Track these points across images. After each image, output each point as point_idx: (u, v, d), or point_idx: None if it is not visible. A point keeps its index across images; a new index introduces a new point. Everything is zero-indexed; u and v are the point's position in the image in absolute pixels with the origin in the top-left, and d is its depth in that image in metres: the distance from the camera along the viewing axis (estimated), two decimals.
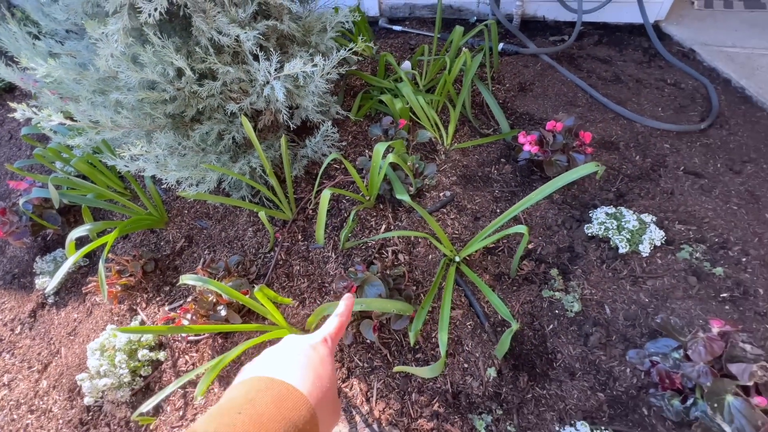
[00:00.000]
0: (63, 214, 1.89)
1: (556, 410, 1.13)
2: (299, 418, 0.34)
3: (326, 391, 0.39)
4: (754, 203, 1.55)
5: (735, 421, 0.91)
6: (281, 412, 0.33)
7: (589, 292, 1.33)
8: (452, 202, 1.57)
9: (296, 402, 0.35)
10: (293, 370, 0.39)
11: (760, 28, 2.33)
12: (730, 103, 1.96)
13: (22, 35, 1.22)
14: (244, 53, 1.31)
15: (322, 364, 0.41)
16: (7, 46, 1.27)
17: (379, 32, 2.70)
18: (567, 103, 1.97)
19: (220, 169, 1.31)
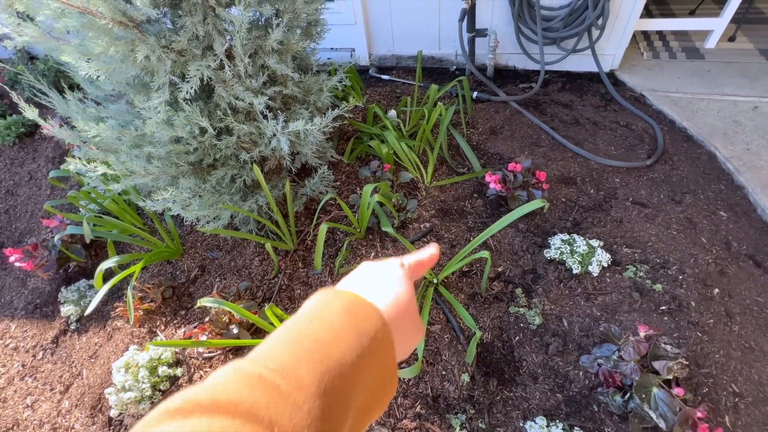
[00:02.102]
0: (86, 248, 2.11)
1: (521, 409, 1.32)
2: (371, 328, 0.33)
3: (402, 306, 0.38)
4: (691, 229, 1.81)
5: (659, 409, 1.11)
6: (351, 319, 0.32)
7: (549, 307, 1.55)
8: (431, 232, 1.82)
9: (367, 312, 0.34)
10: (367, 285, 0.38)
11: (699, 76, 2.70)
12: (674, 142, 2.26)
13: (74, 102, 1.49)
14: (255, 113, 1.60)
15: (398, 281, 0.40)
16: (60, 111, 1.54)
17: (368, 80, 3.05)
18: (532, 144, 2.27)
19: (234, 208, 1.55)
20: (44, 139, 3.30)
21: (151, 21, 1.39)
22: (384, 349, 0.33)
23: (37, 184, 2.93)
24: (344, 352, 0.29)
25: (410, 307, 0.39)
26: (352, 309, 0.33)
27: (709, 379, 1.35)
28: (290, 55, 1.67)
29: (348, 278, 0.41)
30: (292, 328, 0.31)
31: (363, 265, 0.43)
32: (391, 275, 0.40)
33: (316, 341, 0.29)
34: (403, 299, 0.38)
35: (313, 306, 0.34)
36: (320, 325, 0.31)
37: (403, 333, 0.37)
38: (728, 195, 1.94)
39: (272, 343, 0.30)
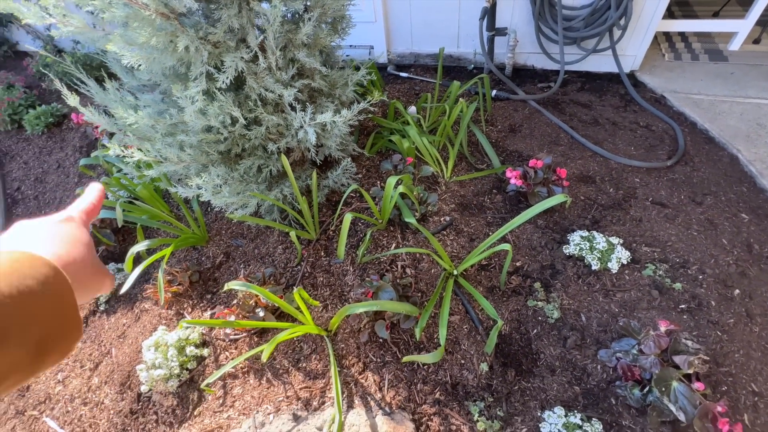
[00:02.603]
0: (115, 233, 2.19)
1: (538, 399, 1.34)
2: (39, 275, 0.33)
3: (76, 256, 0.39)
4: (712, 230, 1.81)
5: (679, 402, 1.13)
6: (14, 267, 0.32)
7: (567, 302, 1.57)
8: (451, 226, 1.85)
9: (33, 261, 0.34)
10: (31, 241, 0.39)
11: (722, 78, 2.67)
12: (695, 144, 2.25)
13: (113, 91, 1.56)
14: (284, 105, 1.64)
15: (68, 234, 0.41)
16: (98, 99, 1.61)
17: (387, 77, 3.09)
18: (551, 143, 2.28)
19: (262, 196, 1.61)
20: (71, 130, 3.41)
21: (188, 14, 1.45)
22: (59, 291, 0.35)
23: (65, 172, 3.03)
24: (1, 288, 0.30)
25: (84, 256, 0.41)
26: (16, 260, 0.34)
27: (728, 377, 1.36)
28: (318, 49, 1.71)
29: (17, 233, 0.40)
30: None
31: (20, 224, 0.42)
32: (61, 230, 0.42)
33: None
34: (80, 251, 0.40)
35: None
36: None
37: (85, 279, 0.40)
38: (750, 197, 1.93)
39: None
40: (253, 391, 1.48)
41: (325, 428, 1.30)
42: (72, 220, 0.44)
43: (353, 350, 1.51)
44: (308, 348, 1.54)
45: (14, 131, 3.50)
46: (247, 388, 1.48)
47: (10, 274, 0.32)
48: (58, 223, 0.43)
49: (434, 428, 1.31)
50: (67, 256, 0.39)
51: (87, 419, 1.65)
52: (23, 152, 3.32)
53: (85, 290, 0.40)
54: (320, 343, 1.56)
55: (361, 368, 1.46)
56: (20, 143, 3.39)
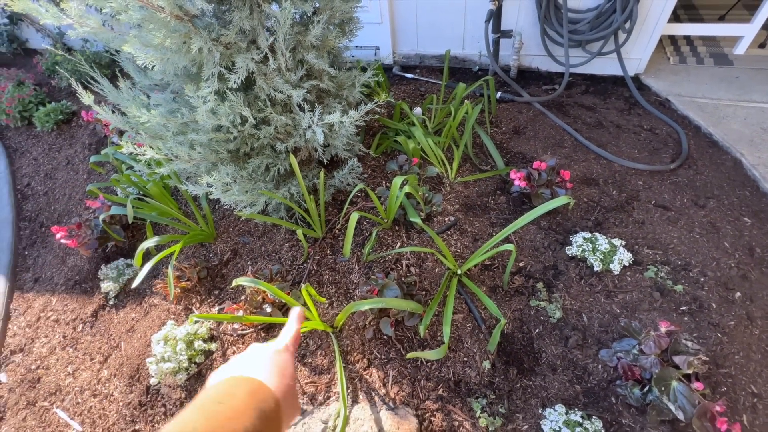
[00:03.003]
0: (125, 229, 2.23)
1: (539, 397, 1.37)
2: (268, 408, 0.41)
3: (288, 388, 0.47)
4: (714, 233, 1.82)
5: (678, 401, 1.15)
6: (254, 402, 0.40)
7: (569, 302, 1.59)
8: (455, 226, 1.88)
9: (266, 395, 0.43)
10: (262, 371, 0.46)
11: (726, 82, 2.68)
12: (699, 147, 2.27)
13: (126, 90, 1.60)
14: (292, 105, 1.68)
15: (285, 367, 0.49)
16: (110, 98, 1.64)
17: (393, 78, 3.11)
18: (555, 145, 2.30)
19: (271, 194, 1.64)
20: (81, 127, 3.45)
21: (201, 15, 1.48)
22: (276, 422, 0.42)
23: (74, 169, 3.08)
24: (247, 427, 0.37)
25: (293, 386, 0.49)
26: (255, 394, 0.42)
27: (728, 378, 1.38)
28: (326, 50, 1.74)
29: (245, 360, 0.49)
30: (205, 406, 0.39)
31: (252, 346, 0.52)
32: (280, 360, 0.50)
33: (226, 418, 0.37)
34: (288, 380, 0.48)
35: (223, 391, 0.42)
36: (228, 408, 0.39)
37: (289, 407, 0.46)
38: (753, 202, 1.94)
39: (186, 419, 0.37)
40: None
41: (330, 422, 1.32)
42: (288, 350, 0.53)
43: (358, 346, 1.54)
44: (314, 344, 1.57)
45: (24, 128, 3.55)
46: None
47: (252, 409, 0.40)
48: (277, 353, 0.51)
49: (437, 424, 1.33)
50: (282, 389, 0.46)
51: (97, 411, 1.69)
52: (33, 149, 3.37)
53: (288, 419, 0.46)
54: (326, 339, 1.58)
55: (366, 364, 1.49)
56: (30, 140, 3.44)
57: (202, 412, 0.38)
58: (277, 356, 0.50)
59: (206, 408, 0.39)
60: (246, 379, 0.44)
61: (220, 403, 0.39)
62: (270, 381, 0.45)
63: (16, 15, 4.35)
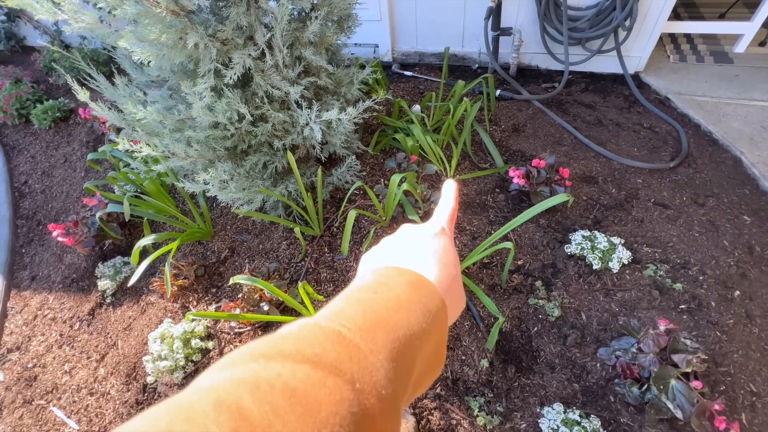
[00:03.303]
0: (122, 227, 2.22)
1: (538, 396, 1.36)
2: (433, 306, 0.33)
3: (452, 279, 0.38)
4: (714, 231, 1.81)
5: (677, 400, 1.14)
6: (416, 295, 0.32)
7: (568, 301, 1.59)
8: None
9: (429, 290, 0.34)
10: (421, 260, 0.37)
11: (727, 80, 2.67)
12: (698, 145, 2.26)
13: (122, 87, 1.58)
14: (290, 102, 1.66)
15: (446, 253, 0.39)
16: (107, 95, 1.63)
17: (392, 76, 3.10)
18: (554, 143, 2.29)
19: (268, 191, 1.63)
20: (78, 124, 3.44)
21: (198, 11, 1.47)
22: (441, 324, 0.34)
23: (72, 167, 3.06)
24: (412, 323, 0.30)
25: (457, 276, 0.39)
26: (417, 286, 0.34)
27: (726, 377, 1.37)
28: (324, 47, 1.73)
29: (398, 247, 0.39)
30: (359, 296, 0.31)
31: (404, 227, 0.42)
32: (439, 246, 0.39)
33: (387, 309, 0.30)
34: (452, 270, 0.38)
35: (376, 281, 0.34)
36: (387, 296, 0.31)
37: (454, 303, 0.38)
38: (753, 200, 1.93)
39: (342, 305, 0.30)
40: None
41: None
42: (445, 233, 0.42)
43: None
44: None
45: (22, 125, 3.54)
46: None
47: (416, 303, 0.32)
48: (435, 237, 0.41)
49: (435, 422, 1.33)
50: (446, 282, 0.37)
51: (93, 409, 1.68)
52: (30, 146, 3.35)
53: (453, 316, 0.38)
54: None
55: None
56: (27, 137, 3.42)
57: (357, 301, 0.30)
58: (436, 242, 0.40)
59: (359, 298, 0.31)
60: (403, 270, 0.35)
61: (375, 293, 0.31)
62: (431, 273, 0.36)
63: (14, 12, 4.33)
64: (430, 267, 0.37)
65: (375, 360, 0.26)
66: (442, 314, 0.34)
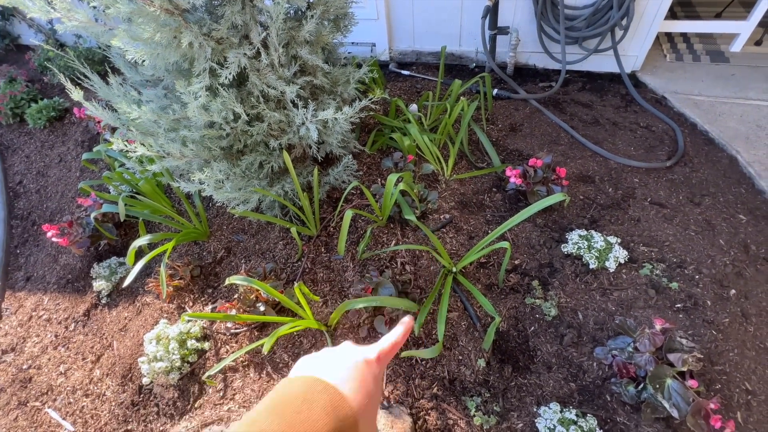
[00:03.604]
0: (117, 227, 2.20)
1: (534, 395, 1.36)
2: (346, 428, 0.37)
3: (371, 407, 0.42)
4: (709, 230, 1.82)
5: (673, 398, 1.15)
6: (332, 420, 0.36)
7: (564, 300, 1.59)
8: (451, 224, 1.87)
9: (347, 412, 0.38)
10: (348, 381, 0.41)
11: (723, 79, 2.67)
12: (694, 145, 2.26)
13: (117, 86, 1.57)
14: (286, 101, 1.66)
15: (374, 382, 0.44)
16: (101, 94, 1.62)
17: (389, 75, 3.09)
18: (551, 142, 2.29)
19: (264, 191, 1.62)
20: (73, 124, 3.41)
21: (192, 10, 1.46)
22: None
23: (66, 166, 3.04)
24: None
25: (376, 406, 0.44)
26: (335, 409, 0.38)
27: (722, 376, 1.38)
28: (320, 46, 1.72)
29: (332, 361, 0.44)
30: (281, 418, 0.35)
31: (346, 345, 0.48)
32: (369, 373, 0.44)
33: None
34: (374, 400, 0.43)
35: (302, 396, 0.38)
36: (307, 420, 0.36)
37: (365, 425, 0.42)
38: (748, 199, 1.94)
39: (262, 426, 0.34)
40: (254, 385, 1.50)
41: None
42: (379, 362, 0.47)
43: None
44: (308, 342, 1.56)
45: (16, 125, 3.51)
46: (248, 382, 1.50)
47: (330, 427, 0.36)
48: (367, 363, 0.45)
49: (432, 422, 1.33)
50: (364, 408, 0.41)
51: (89, 410, 1.67)
52: (25, 146, 3.33)
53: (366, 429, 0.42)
54: (320, 338, 1.57)
55: None
56: (22, 137, 3.40)
57: (279, 417, 0.35)
58: (367, 368, 0.44)
59: (283, 415, 0.35)
60: (328, 387, 0.40)
61: (297, 413, 0.36)
62: (354, 396, 0.40)
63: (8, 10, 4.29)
64: (356, 391, 0.41)
65: None
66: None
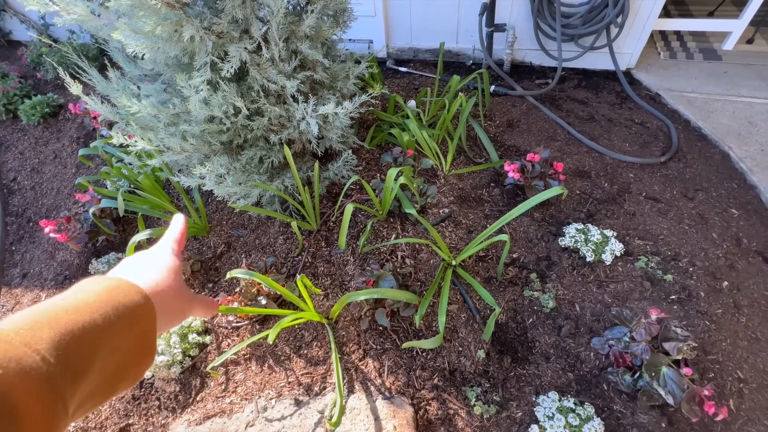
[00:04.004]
0: (116, 223, 2.19)
1: (533, 385, 1.39)
2: (130, 302, 0.36)
3: (166, 283, 0.42)
4: (703, 224, 1.86)
5: (668, 386, 1.18)
6: (109, 295, 0.35)
7: (562, 292, 1.62)
8: (450, 218, 1.89)
9: (127, 289, 0.37)
10: (135, 271, 0.41)
11: (716, 77, 2.72)
12: (688, 141, 2.30)
13: (116, 80, 1.57)
14: (286, 96, 1.66)
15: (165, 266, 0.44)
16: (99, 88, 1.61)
17: (386, 72, 3.10)
18: (548, 138, 2.32)
19: (265, 186, 1.62)
20: (68, 120, 3.38)
21: (193, 4, 1.46)
22: (143, 320, 0.37)
23: (62, 163, 3.02)
24: (95, 318, 0.32)
25: (175, 287, 0.43)
26: (114, 289, 0.36)
27: (715, 365, 1.41)
28: (320, 41, 1.72)
29: (121, 265, 0.44)
30: (49, 302, 0.33)
31: (136, 254, 0.48)
32: (158, 259, 0.45)
33: (65, 310, 0.32)
34: (168, 281, 0.43)
35: (76, 288, 0.36)
36: (73, 299, 0.34)
37: (170, 311, 0.42)
38: (740, 193, 1.98)
39: (25, 312, 0.32)
40: (255, 377, 1.50)
41: (327, 412, 1.33)
42: (172, 251, 0.47)
43: (354, 337, 1.54)
44: (309, 335, 1.57)
45: (9, 121, 3.47)
46: (249, 375, 1.51)
47: (105, 302, 0.34)
48: (153, 253, 0.46)
49: (432, 412, 1.35)
50: (155, 284, 0.41)
51: None
52: (19, 143, 3.29)
53: (171, 315, 0.42)
54: (321, 330, 1.59)
55: (362, 355, 1.49)
56: (15, 133, 3.36)
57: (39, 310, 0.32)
58: (157, 257, 0.45)
59: (44, 306, 0.32)
60: (104, 278, 0.38)
61: (63, 299, 0.33)
62: (137, 277, 0.40)
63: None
64: (143, 274, 0.41)
65: (27, 350, 0.28)
66: (142, 310, 0.37)
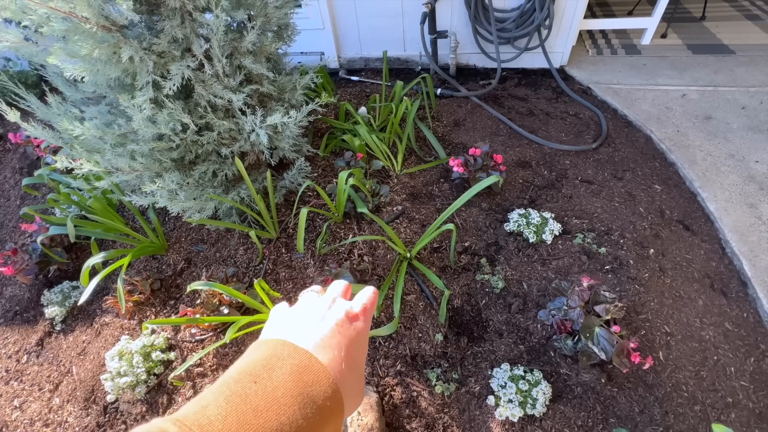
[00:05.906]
0: (67, 251, 2.13)
1: (489, 360, 1.49)
2: (319, 394, 0.31)
3: (355, 369, 0.35)
4: (631, 200, 2.06)
5: (601, 344, 1.31)
6: (299, 386, 0.30)
7: (510, 273, 1.74)
8: (404, 215, 1.99)
9: (317, 376, 0.32)
10: (321, 340, 0.35)
11: (636, 69, 3.01)
12: (616, 127, 2.54)
13: (56, 105, 1.56)
14: (234, 110, 1.71)
15: (358, 337, 0.37)
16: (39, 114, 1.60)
17: (339, 82, 3.20)
18: (492, 134, 2.49)
19: (219, 197, 1.66)
20: (8, 151, 3.23)
21: (131, 26, 1.49)
22: (333, 416, 0.31)
23: (5, 195, 2.88)
24: (283, 422, 0.28)
25: (361, 367, 0.37)
26: (301, 374, 0.31)
27: (645, 323, 1.58)
28: (264, 56, 1.79)
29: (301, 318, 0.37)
30: (234, 388, 0.29)
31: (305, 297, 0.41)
32: (350, 329, 0.37)
33: (255, 410, 0.28)
34: (357, 361, 0.36)
35: (263, 363, 0.32)
36: (262, 391, 0.29)
37: (351, 396, 0.35)
38: (662, 171, 2.21)
39: (211, 399, 0.28)
40: None
41: None
42: (363, 317, 0.39)
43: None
44: None
45: None
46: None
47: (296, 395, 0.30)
48: (348, 319, 0.38)
49: (397, 397, 1.42)
50: (346, 371, 0.34)
51: None
52: None
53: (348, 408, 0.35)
54: None
55: None
56: None
57: (227, 398, 0.28)
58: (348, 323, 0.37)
59: (233, 391, 0.29)
60: (297, 350, 0.33)
61: (255, 383, 0.29)
62: (328, 357, 0.33)
63: None
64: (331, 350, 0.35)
65: None
66: (334, 406, 0.32)
